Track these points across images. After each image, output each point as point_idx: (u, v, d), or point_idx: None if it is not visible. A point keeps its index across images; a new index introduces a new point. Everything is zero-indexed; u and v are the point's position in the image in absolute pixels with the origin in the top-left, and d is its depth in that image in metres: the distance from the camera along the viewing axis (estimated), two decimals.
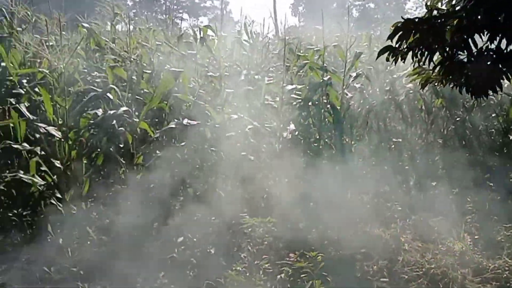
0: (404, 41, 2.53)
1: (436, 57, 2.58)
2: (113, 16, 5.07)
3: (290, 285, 3.12)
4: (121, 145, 3.58)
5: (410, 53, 2.59)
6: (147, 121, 3.76)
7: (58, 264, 3.36)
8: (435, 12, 2.54)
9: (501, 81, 2.45)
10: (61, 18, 3.67)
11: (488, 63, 2.40)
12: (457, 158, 5.57)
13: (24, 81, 4.31)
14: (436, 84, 2.88)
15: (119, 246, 3.47)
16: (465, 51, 2.42)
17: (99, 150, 3.21)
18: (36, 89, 3.82)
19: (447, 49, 2.50)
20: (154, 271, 3.33)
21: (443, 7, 2.62)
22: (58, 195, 3.15)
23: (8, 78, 4.19)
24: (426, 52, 2.54)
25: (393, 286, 3.18)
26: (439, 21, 2.46)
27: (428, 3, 2.63)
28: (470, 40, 2.38)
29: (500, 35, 2.25)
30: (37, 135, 3.36)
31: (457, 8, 2.46)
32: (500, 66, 2.41)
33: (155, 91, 3.54)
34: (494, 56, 2.39)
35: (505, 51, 2.36)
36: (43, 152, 3.10)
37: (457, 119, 5.86)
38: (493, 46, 2.37)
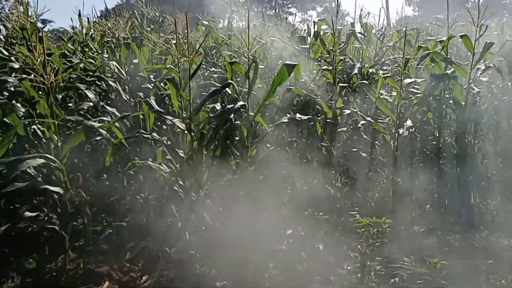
0: None
1: None
2: (230, 14, 5.29)
3: None
4: (237, 138, 3.73)
5: None
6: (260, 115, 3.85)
7: (177, 246, 3.63)
8: None
9: None
10: (183, 17, 3.93)
11: None
12: None
13: (151, 76, 4.75)
14: None
15: (231, 233, 3.62)
16: None
17: (217, 142, 3.37)
18: (162, 84, 4.15)
19: None
20: (264, 261, 3.41)
21: None
22: (180, 182, 3.38)
23: (138, 74, 4.64)
24: None
25: None
26: None
27: None
28: None
29: None
30: (163, 126, 3.66)
31: None
32: None
33: (270, 86, 3.60)
34: None
35: None
36: (168, 142, 3.36)
37: None
38: None
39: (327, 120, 4.20)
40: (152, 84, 4.36)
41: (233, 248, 3.41)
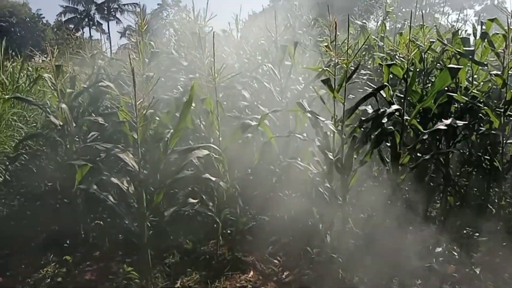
0: None
1: None
2: (384, 15, 5.10)
3: None
4: (388, 144, 3.57)
5: None
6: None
7: (318, 246, 3.64)
8: None
9: None
10: (338, 19, 3.89)
11: None
12: None
13: (300, 78, 4.84)
14: None
15: (375, 242, 3.48)
16: None
17: (368, 147, 3.27)
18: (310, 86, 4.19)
19: None
20: (410, 277, 3.22)
21: None
22: (327, 185, 3.37)
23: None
24: None
25: None
26: None
27: None
28: None
29: None
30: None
31: None
32: None
33: (430, 90, 3.37)
34: None
35: None
36: (317, 143, 3.38)
37: None
38: None
39: (492, 131, 3.75)
40: (302, 86, 4.45)
41: (376, 258, 3.29)
